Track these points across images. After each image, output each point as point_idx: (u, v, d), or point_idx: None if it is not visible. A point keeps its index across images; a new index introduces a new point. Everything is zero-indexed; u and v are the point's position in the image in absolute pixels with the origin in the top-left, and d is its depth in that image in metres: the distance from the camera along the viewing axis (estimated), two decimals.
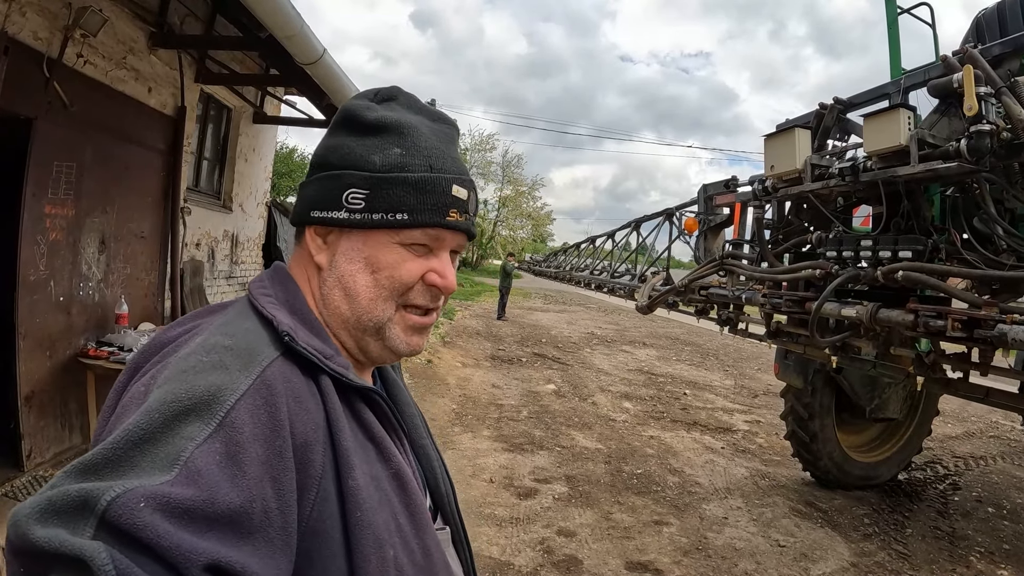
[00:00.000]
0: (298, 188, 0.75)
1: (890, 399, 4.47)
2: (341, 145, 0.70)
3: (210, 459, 0.49)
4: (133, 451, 0.48)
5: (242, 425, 0.52)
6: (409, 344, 0.73)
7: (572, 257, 10.46)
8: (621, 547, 3.53)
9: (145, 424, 0.50)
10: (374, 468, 0.64)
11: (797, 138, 2.88)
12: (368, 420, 0.66)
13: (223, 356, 0.58)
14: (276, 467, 0.53)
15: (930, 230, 2.56)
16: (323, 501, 0.57)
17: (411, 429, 0.79)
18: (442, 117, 0.76)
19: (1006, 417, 7.26)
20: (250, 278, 6.66)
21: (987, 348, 2.20)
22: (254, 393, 0.55)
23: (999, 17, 3.13)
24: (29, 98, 3.31)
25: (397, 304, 0.71)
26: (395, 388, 0.84)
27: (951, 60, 2.24)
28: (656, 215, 6.04)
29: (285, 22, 3.14)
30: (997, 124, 2.08)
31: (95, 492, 0.44)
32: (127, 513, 0.43)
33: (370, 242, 0.69)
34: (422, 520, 0.67)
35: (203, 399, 0.52)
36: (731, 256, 3.60)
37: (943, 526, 4.07)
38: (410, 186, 0.68)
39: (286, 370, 0.60)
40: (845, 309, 2.64)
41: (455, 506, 0.81)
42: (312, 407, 0.60)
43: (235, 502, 0.49)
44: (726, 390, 8.44)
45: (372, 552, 0.58)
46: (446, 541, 0.77)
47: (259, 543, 0.50)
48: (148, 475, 0.47)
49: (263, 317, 0.65)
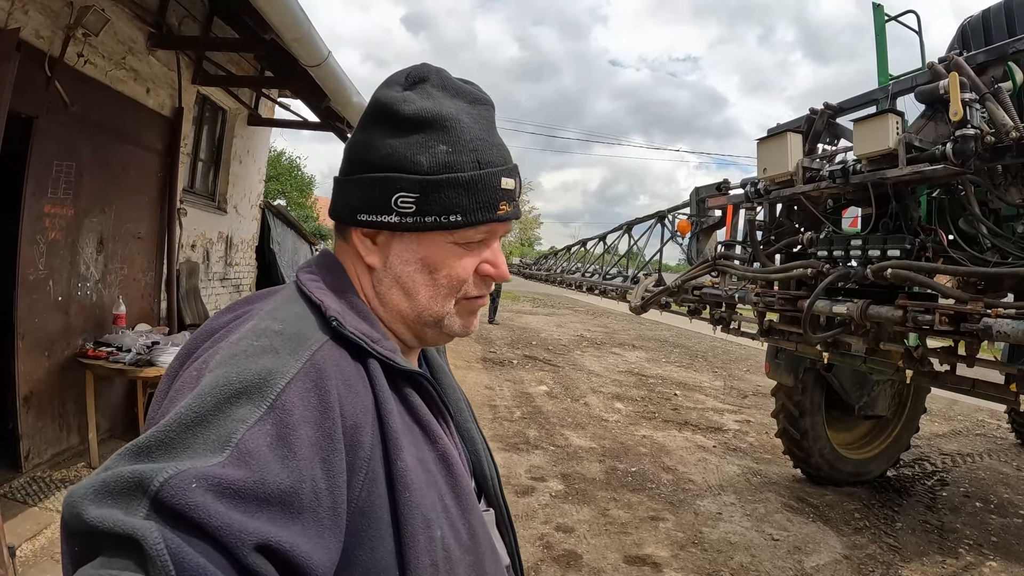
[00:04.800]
0: (334, 183, 0.73)
1: (879, 397, 4.59)
2: (382, 144, 0.67)
3: (261, 441, 0.50)
4: (185, 433, 0.49)
5: (292, 407, 0.53)
6: (466, 327, 0.75)
7: (563, 260, 10.53)
8: (619, 541, 3.59)
9: (197, 407, 0.51)
10: (421, 450, 0.65)
11: (789, 142, 2.97)
12: (415, 403, 0.67)
13: (273, 340, 0.58)
14: (326, 448, 0.54)
15: (917, 230, 2.66)
16: (372, 482, 0.58)
17: (456, 412, 0.80)
18: (480, 96, 0.72)
19: (992, 415, 7.44)
20: (243, 281, 6.67)
21: (973, 341, 2.29)
22: (304, 376, 0.56)
23: (984, 25, 3.25)
24: (30, 97, 3.31)
25: (456, 299, 0.72)
26: (440, 372, 0.85)
27: (938, 67, 2.33)
28: (648, 218, 6.12)
29: (294, 24, 3.17)
30: (982, 128, 2.18)
31: (148, 473, 0.45)
32: (179, 494, 0.44)
33: (424, 243, 0.69)
34: (468, 501, 0.68)
35: (254, 382, 0.53)
36: (724, 257, 3.69)
37: (932, 520, 4.18)
38: (461, 187, 0.67)
39: (335, 354, 0.61)
40: (836, 306, 2.72)
41: (499, 489, 0.82)
42: (361, 390, 0.61)
43: (285, 483, 0.50)
44: (716, 391, 8.54)
45: (420, 532, 0.59)
46: (491, 523, 0.77)
47: (308, 523, 0.51)
48: (200, 457, 0.47)
49: (312, 302, 0.65)
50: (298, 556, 0.49)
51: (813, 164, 2.95)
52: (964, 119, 2.18)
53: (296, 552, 0.48)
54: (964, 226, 2.61)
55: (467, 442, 0.80)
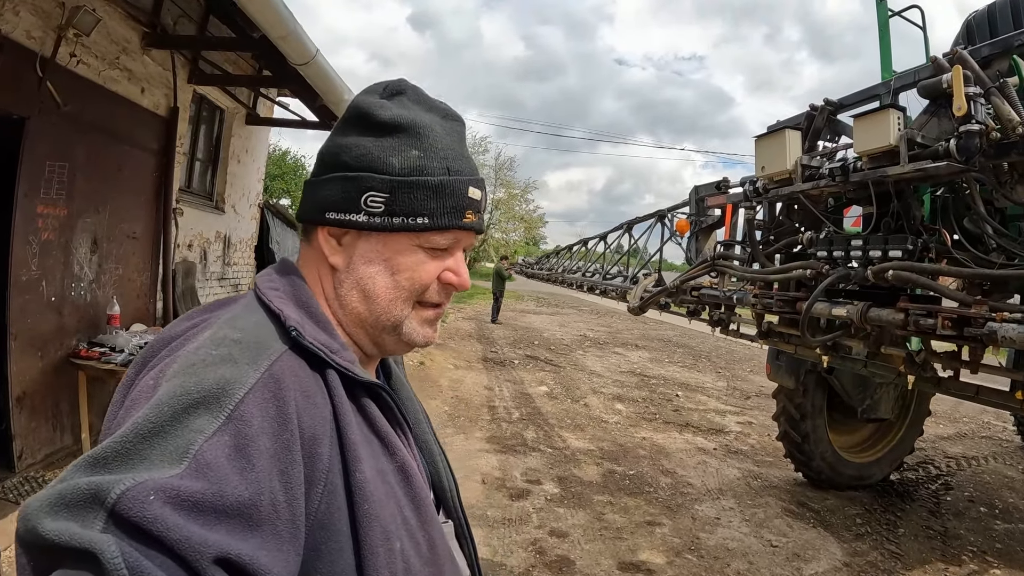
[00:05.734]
0: (304, 185, 0.75)
1: (882, 399, 4.50)
2: (356, 145, 0.69)
3: (219, 452, 0.49)
4: (143, 444, 0.48)
5: (251, 418, 0.53)
6: (425, 336, 0.74)
7: (564, 259, 10.47)
8: (613, 547, 3.53)
9: (155, 417, 0.50)
10: (380, 462, 0.64)
11: (788, 139, 2.89)
12: (373, 414, 0.67)
13: (232, 350, 0.58)
14: (284, 460, 0.54)
15: (920, 230, 2.58)
16: (330, 494, 0.58)
17: (414, 424, 0.80)
18: (452, 114, 0.76)
19: (998, 417, 7.32)
20: (242, 280, 6.65)
21: (977, 346, 2.22)
22: (262, 387, 0.56)
23: (989, 19, 3.17)
24: (22, 98, 3.30)
25: (414, 303, 0.72)
26: (398, 383, 0.85)
27: (941, 61, 2.26)
28: (647, 217, 6.04)
29: (278, 22, 3.13)
30: (986, 124, 2.10)
31: (104, 485, 0.44)
32: (137, 506, 0.44)
33: (390, 244, 0.70)
34: (427, 513, 0.68)
35: (212, 392, 0.53)
36: (722, 257, 3.62)
37: (935, 526, 4.10)
38: (430, 190, 0.69)
39: (294, 364, 0.60)
40: (836, 308, 2.65)
41: (458, 500, 0.82)
42: (320, 401, 0.61)
43: (244, 495, 0.49)
44: (718, 392, 8.47)
45: (380, 544, 0.59)
46: (450, 534, 0.77)
47: (267, 536, 0.50)
48: (158, 468, 0.47)
49: (271, 311, 0.65)
50: (257, 569, 0.48)
51: (813, 162, 2.87)
52: (968, 114, 2.10)
53: (256, 565, 0.48)
54: (968, 226, 2.53)
55: (425, 454, 0.80)
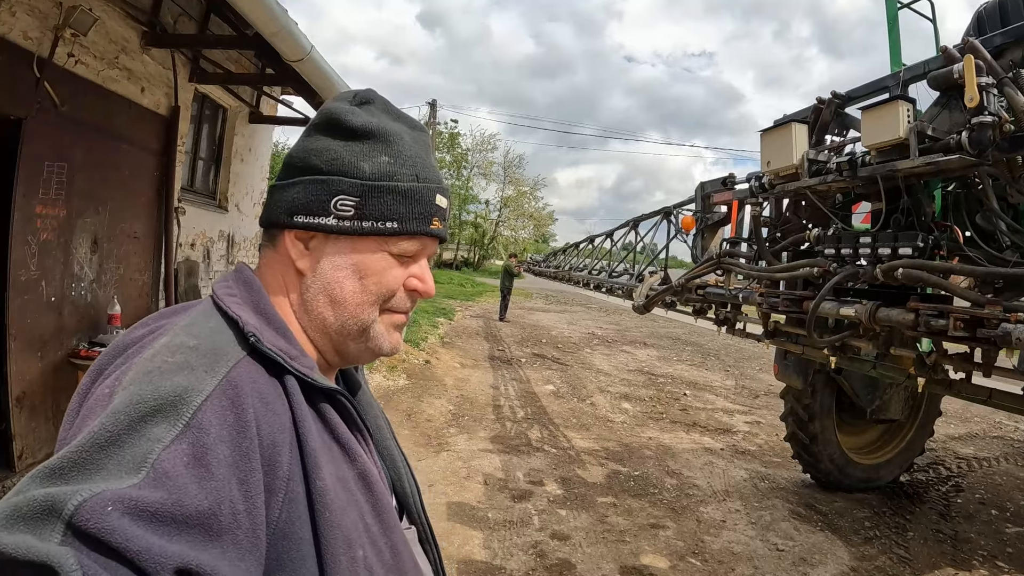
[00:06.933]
0: (269, 190, 0.74)
1: (891, 400, 4.40)
2: (326, 149, 0.69)
3: (177, 461, 0.49)
4: (99, 454, 0.47)
5: (209, 426, 0.52)
6: (391, 342, 0.74)
7: (571, 257, 10.40)
8: (616, 551, 3.47)
9: (111, 426, 0.49)
10: (340, 469, 0.64)
11: (794, 133, 2.81)
12: (333, 421, 0.66)
13: (188, 356, 0.57)
14: (243, 469, 0.53)
15: (931, 227, 2.50)
16: (291, 503, 0.57)
17: (375, 430, 0.80)
18: (418, 125, 0.77)
19: (1010, 418, 7.18)
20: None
21: (990, 348, 2.14)
22: (220, 394, 0.55)
23: (1000, 9, 3.07)
24: (18, 98, 3.29)
25: (380, 308, 0.72)
26: (357, 388, 0.84)
27: (951, 51, 2.17)
28: (654, 214, 5.97)
29: (268, 19, 3.09)
30: (1000, 116, 2.02)
31: (62, 497, 0.43)
32: (95, 517, 0.43)
33: (358, 249, 0.70)
34: (389, 520, 0.67)
35: (169, 400, 0.52)
36: (728, 255, 3.54)
37: (945, 529, 4.01)
38: (400, 195, 0.69)
39: (252, 371, 0.60)
40: (844, 308, 2.58)
41: (420, 505, 0.82)
42: (279, 408, 0.60)
43: (203, 504, 0.48)
44: (726, 391, 8.38)
45: (342, 552, 0.58)
46: (413, 540, 0.77)
47: (228, 546, 0.49)
48: (115, 478, 0.46)
49: (228, 317, 0.64)
50: None
51: (820, 156, 2.79)
52: (980, 105, 2.02)
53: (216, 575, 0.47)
54: (981, 222, 2.44)
55: (386, 459, 0.80)
